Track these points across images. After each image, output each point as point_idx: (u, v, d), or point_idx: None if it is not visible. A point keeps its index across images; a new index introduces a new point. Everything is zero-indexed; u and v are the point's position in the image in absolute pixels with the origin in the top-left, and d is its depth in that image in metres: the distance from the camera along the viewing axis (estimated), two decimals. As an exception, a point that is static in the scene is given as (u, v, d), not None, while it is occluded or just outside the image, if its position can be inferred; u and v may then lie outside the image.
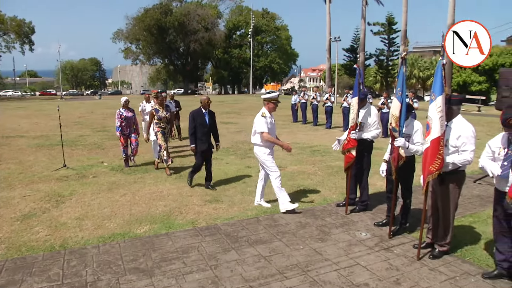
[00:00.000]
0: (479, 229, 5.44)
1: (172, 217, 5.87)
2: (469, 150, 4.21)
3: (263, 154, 6.03)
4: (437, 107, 4.14)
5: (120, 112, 9.00)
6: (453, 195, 4.39)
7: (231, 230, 5.38)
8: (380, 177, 7.79)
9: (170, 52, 66.69)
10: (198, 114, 7.11)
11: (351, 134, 5.74)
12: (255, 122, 5.99)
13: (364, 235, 5.22)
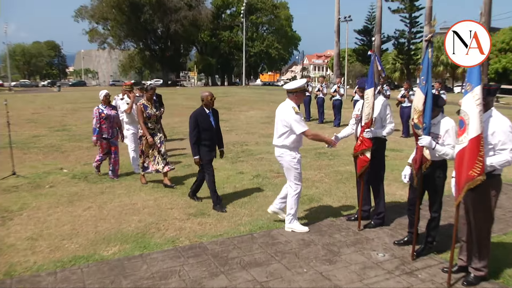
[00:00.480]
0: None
1: (148, 235, 5.81)
2: (508, 148, 4.19)
3: (293, 159, 5.84)
4: (476, 100, 4.11)
5: (99, 109, 8.58)
6: (487, 205, 4.37)
7: (219, 249, 5.33)
8: (400, 185, 7.85)
9: (145, 35, 66.55)
10: (201, 116, 6.82)
11: (365, 132, 5.73)
12: (287, 120, 5.71)
13: (381, 256, 5.19)
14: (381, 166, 6.14)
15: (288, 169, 5.90)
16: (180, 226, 6.13)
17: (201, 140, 6.79)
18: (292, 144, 5.81)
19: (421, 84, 4.75)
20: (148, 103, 8.04)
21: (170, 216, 6.54)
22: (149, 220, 6.35)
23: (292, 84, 5.89)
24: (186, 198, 7.37)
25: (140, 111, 7.94)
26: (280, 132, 5.83)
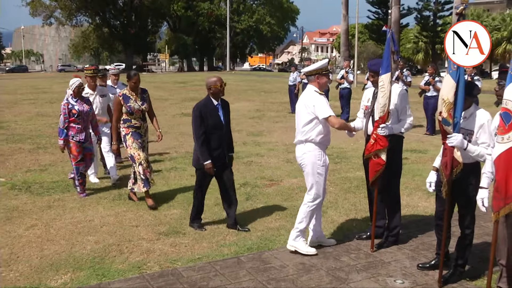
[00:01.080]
0: None
1: (108, 259, 5.81)
2: None
3: (318, 160, 5.83)
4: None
5: (69, 103, 8.17)
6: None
7: (198, 277, 5.34)
8: (424, 195, 7.93)
9: (103, 7, 66.42)
10: (208, 109, 6.51)
11: (380, 129, 5.75)
12: (309, 105, 5.70)
13: (400, 284, 5.24)
14: (397, 170, 6.19)
15: (309, 173, 5.85)
16: (148, 248, 6.13)
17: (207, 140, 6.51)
18: (318, 138, 5.77)
19: (452, 69, 4.79)
20: (132, 94, 7.69)
21: (136, 235, 6.54)
22: (109, 240, 6.35)
23: (312, 66, 5.95)
24: (156, 213, 7.39)
25: (117, 103, 7.63)
26: (303, 122, 5.79)
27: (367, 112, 6.17)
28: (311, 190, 5.89)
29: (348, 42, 43.61)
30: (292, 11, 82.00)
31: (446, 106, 4.82)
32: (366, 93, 6.34)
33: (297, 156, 5.99)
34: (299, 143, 5.92)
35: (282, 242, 6.32)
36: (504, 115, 4.27)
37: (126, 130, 7.67)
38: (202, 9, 71.12)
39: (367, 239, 6.31)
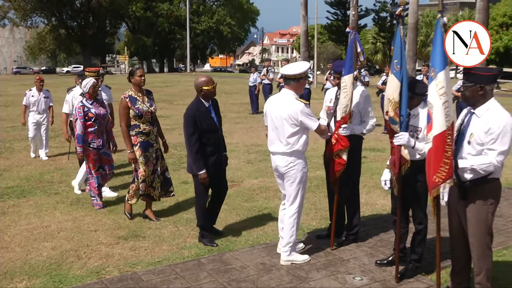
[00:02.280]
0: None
1: (65, 265, 5.72)
2: (497, 150, 4.32)
3: (303, 169, 5.69)
4: (439, 88, 4.29)
5: (84, 106, 7.61)
6: (483, 215, 4.53)
7: (158, 280, 5.31)
8: (382, 193, 8.06)
9: (59, 7, 65.33)
10: (199, 112, 6.16)
11: (342, 129, 5.81)
12: (295, 117, 5.46)
13: (359, 280, 5.31)
14: (356, 169, 6.27)
15: (296, 183, 5.68)
16: (107, 252, 6.07)
17: (201, 148, 6.16)
18: (303, 148, 5.63)
19: (395, 69, 4.93)
20: (138, 95, 6.97)
21: (94, 240, 6.46)
22: (66, 246, 6.25)
23: (294, 68, 5.64)
24: (115, 217, 7.31)
25: (125, 108, 6.82)
26: (287, 134, 5.53)
27: (329, 112, 6.20)
28: (296, 200, 5.73)
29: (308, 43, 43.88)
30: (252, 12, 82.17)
31: (392, 105, 4.94)
32: (329, 94, 6.38)
33: (278, 165, 5.69)
34: (280, 153, 5.63)
35: (243, 243, 6.35)
36: (427, 116, 4.45)
37: (135, 140, 6.90)
38: (161, 10, 70.58)
39: (326, 238, 6.36)
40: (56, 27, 68.14)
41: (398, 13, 5.00)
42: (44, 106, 11.57)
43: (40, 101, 11.44)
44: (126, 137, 6.89)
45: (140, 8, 69.82)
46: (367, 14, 59.32)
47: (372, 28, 61.93)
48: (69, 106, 9.10)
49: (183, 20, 67.58)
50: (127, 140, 6.88)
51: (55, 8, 64.55)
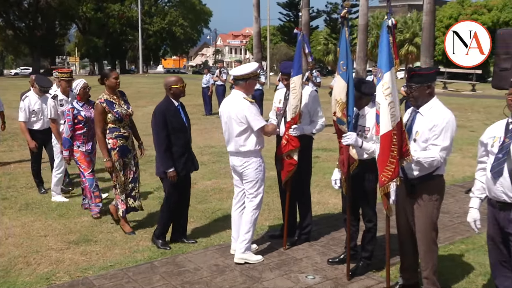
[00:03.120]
0: (474, 259, 5.83)
1: (14, 272, 5.59)
2: (440, 145, 4.48)
3: (259, 167, 5.71)
4: (385, 89, 4.39)
5: (74, 109, 7.22)
6: (429, 211, 4.67)
7: (110, 285, 5.25)
8: (334, 192, 8.17)
9: (5, 8, 63.47)
10: (170, 111, 6.10)
11: (292, 129, 5.85)
12: (241, 115, 5.51)
13: (311, 279, 5.37)
14: (307, 169, 6.35)
15: (253, 182, 5.70)
16: (57, 258, 5.96)
17: (172, 146, 6.09)
18: (257, 147, 5.65)
19: (341, 70, 5.02)
20: (114, 98, 6.68)
21: (44, 245, 6.33)
22: (14, 253, 6.10)
23: (241, 69, 5.69)
24: (66, 222, 7.19)
25: (102, 113, 6.52)
26: (236, 133, 5.59)
27: (279, 113, 6.24)
28: (256, 197, 5.76)
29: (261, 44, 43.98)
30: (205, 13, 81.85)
31: (340, 106, 5.03)
32: (277, 95, 6.42)
33: (235, 165, 5.77)
34: (234, 152, 5.71)
35: (196, 245, 6.34)
36: (376, 117, 4.52)
37: (113, 144, 6.58)
38: (112, 11, 69.50)
39: (279, 238, 6.40)
40: (3, 27, 66.38)
41: (343, 15, 5.09)
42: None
43: None
44: (102, 144, 6.54)
45: (91, 9, 68.62)
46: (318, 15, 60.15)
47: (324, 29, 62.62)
48: (26, 114, 8.44)
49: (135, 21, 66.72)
50: (103, 148, 6.53)
51: (2, 8, 62.67)
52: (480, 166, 4.46)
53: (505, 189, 4.02)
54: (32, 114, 8.43)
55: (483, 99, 26.83)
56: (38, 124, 8.54)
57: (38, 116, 8.48)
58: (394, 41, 4.47)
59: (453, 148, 5.01)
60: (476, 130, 15.91)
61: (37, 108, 8.43)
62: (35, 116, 8.41)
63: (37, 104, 8.42)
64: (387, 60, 4.41)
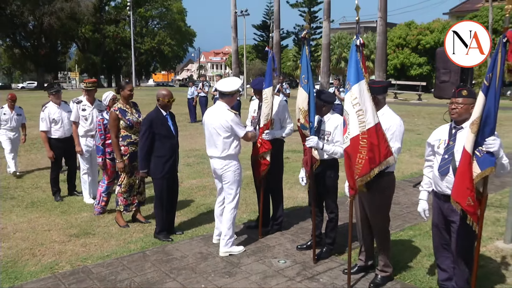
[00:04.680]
0: (420, 243, 5.91)
1: (21, 263, 5.49)
2: (394, 147, 4.55)
3: (237, 169, 5.65)
4: (353, 99, 4.43)
5: (104, 119, 6.92)
6: (382, 203, 4.73)
7: (107, 272, 5.18)
8: (302, 188, 8.19)
9: (13, 29, 62.41)
10: (158, 119, 6.03)
11: (264, 134, 5.89)
12: (226, 125, 5.42)
13: (283, 263, 5.39)
14: (279, 168, 6.37)
15: (231, 182, 5.63)
16: (59, 249, 5.87)
17: (159, 151, 6.02)
18: (237, 152, 5.61)
19: (303, 82, 5.10)
20: (126, 107, 6.54)
21: (48, 239, 6.22)
22: (21, 245, 5.99)
23: (228, 84, 5.58)
24: (68, 217, 7.08)
25: (115, 119, 6.38)
26: (221, 140, 5.50)
27: (254, 121, 6.26)
28: (235, 198, 5.68)
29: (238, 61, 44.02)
30: (190, 34, 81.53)
31: (303, 113, 5.09)
32: (252, 105, 6.42)
33: (216, 168, 5.64)
34: (217, 157, 5.59)
35: (183, 235, 6.31)
36: (344, 122, 4.56)
37: (125, 150, 6.46)
38: (108, 31, 68.81)
39: (255, 228, 6.41)
40: (11, 47, 65.39)
41: (303, 36, 5.17)
42: (16, 123, 10.06)
43: (12, 119, 10.00)
44: (116, 147, 6.44)
45: (89, 30, 67.95)
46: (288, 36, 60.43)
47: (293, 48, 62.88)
48: (46, 123, 8.09)
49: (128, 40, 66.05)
50: (117, 150, 6.43)
51: (9, 30, 61.68)
52: (427, 164, 4.52)
53: (450, 184, 4.09)
54: (52, 122, 8.09)
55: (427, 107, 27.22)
56: (58, 132, 8.11)
57: (58, 125, 8.11)
58: (362, 57, 4.51)
59: (403, 148, 5.06)
60: (422, 133, 16.14)
61: (57, 117, 8.10)
62: (55, 124, 8.08)
63: (57, 113, 8.11)
64: (355, 74, 4.43)
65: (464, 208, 3.89)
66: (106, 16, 70.49)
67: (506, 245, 5.84)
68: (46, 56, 64.95)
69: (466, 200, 3.85)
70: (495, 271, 5.16)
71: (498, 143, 3.77)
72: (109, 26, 69.34)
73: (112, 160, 6.85)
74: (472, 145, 3.81)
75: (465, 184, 3.84)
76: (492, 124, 3.77)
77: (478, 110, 3.78)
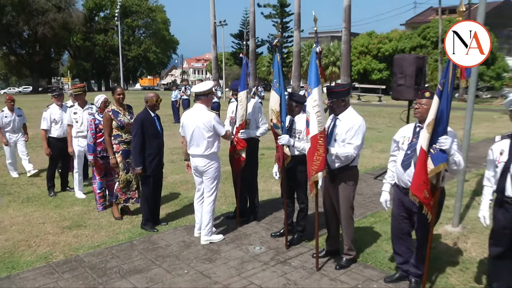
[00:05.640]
0: (380, 229, 5.99)
1: (17, 253, 5.38)
2: (354, 144, 4.60)
3: (218, 167, 5.61)
4: (313, 101, 4.47)
5: (95, 120, 6.78)
6: (347, 193, 4.78)
7: (97, 261, 5.12)
8: (276, 181, 8.19)
9: (9, 38, 60.99)
10: (147, 121, 5.97)
11: (240, 133, 5.89)
12: (209, 125, 5.37)
13: (258, 249, 5.40)
14: (254, 164, 6.37)
15: (212, 178, 5.57)
16: (53, 240, 5.77)
17: (147, 149, 5.95)
18: (217, 150, 5.55)
19: (275, 86, 5.13)
20: (119, 109, 6.45)
21: (42, 231, 6.11)
22: (18, 237, 5.87)
23: (201, 86, 5.52)
24: (61, 211, 6.96)
25: (108, 120, 6.31)
26: (205, 140, 5.42)
27: (232, 121, 6.25)
28: (214, 192, 5.62)
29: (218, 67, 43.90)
30: (173, 42, 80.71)
31: (275, 114, 5.12)
32: (231, 106, 6.40)
33: (198, 166, 5.54)
34: (199, 156, 5.50)
35: (167, 226, 6.27)
36: (306, 122, 4.59)
37: (117, 148, 6.37)
38: (98, 40, 67.63)
39: (233, 218, 6.40)
40: (7, 54, 63.90)
41: (275, 44, 5.19)
42: (18, 125, 9.38)
43: (14, 120, 9.34)
44: (109, 145, 6.36)
45: (80, 39, 66.70)
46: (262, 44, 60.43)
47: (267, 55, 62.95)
48: (47, 122, 7.97)
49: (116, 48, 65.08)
50: (109, 148, 6.35)
51: (5, 39, 60.30)
52: (391, 158, 4.57)
53: (411, 178, 4.11)
54: (53, 122, 7.98)
55: (387, 107, 27.53)
56: (57, 132, 7.98)
57: (58, 125, 7.98)
58: (320, 64, 4.54)
59: (365, 145, 5.12)
60: (382, 131, 16.32)
61: (58, 117, 7.98)
62: (55, 124, 7.96)
63: (58, 114, 7.98)
64: (315, 79, 4.47)
65: (421, 201, 3.95)
66: (96, 26, 69.27)
67: (454, 229, 5.98)
68: (40, 62, 63.76)
69: (423, 193, 3.91)
70: (445, 251, 5.29)
71: (449, 141, 3.82)
72: (98, 35, 68.20)
73: (102, 158, 6.76)
74: (427, 143, 3.87)
75: (422, 179, 3.90)
76: (444, 124, 3.84)
77: (433, 112, 3.83)
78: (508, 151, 3.87)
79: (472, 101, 5.68)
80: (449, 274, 4.72)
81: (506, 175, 3.83)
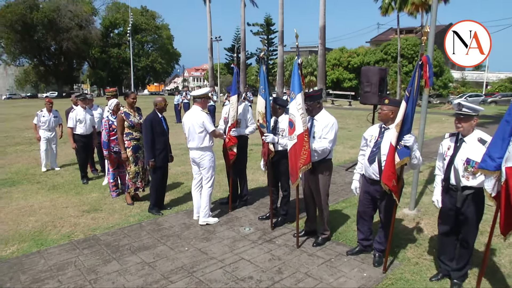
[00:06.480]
0: (350, 212, 6.00)
1: (45, 232, 5.31)
2: (328, 138, 4.60)
3: (212, 158, 5.56)
4: (298, 105, 4.45)
5: (109, 120, 6.73)
6: (323, 182, 4.77)
7: (111, 239, 5.06)
8: (263, 173, 8.17)
9: (39, 52, 60.34)
10: (156, 121, 5.92)
11: (232, 131, 5.85)
12: (200, 122, 5.35)
13: (247, 230, 5.38)
14: (244, 158, 6.33)
15: (208, 168, 5.53)
16: (75, 222, 5.70)
17: (155, 145, 5.91)
18: (211, 144, 5.52)
19: (261, 92, 5.13)
20: (130, 111, 6.38)
21: (66, 214, 6.03)
22: (45, 219, 5.79)
23: (198, 91, 5.57)
24: (81, 197, 6.86)
25: (121, 120, 6.26)
26: (197, 135, 5.41)
27: (226, 121, 6.20)
28: (210, 180, 5.59)
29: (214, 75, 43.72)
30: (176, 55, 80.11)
31: (261, 115, 5.11)
32: (225, 108, 6.36)
33: (194, 157, 5.52)
34: (195, 148, 5.48)
35: (170, 210, 6.21)
36: (290, 123, 4.56)
37: (128, 144, 6.29)
38: (112, 53, 66.99)
39: (227, 204, 6.35)
40: (37, 65, 63.18)
41: (261, 56, 5.20)
42: (53, 124, 9.18)
43: (50, 120, 9.15)
44: (121, 142, 6.27)
45: (98, 52, 66.03)
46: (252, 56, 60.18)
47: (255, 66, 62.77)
48: (73, 121, 7.95)
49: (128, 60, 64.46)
50: (122, 144, 6.27)
51: (36, 52, 59.81)
52: (361, 153, 4.55)
53: (375, 171, 4.18)
54: (77, 122, 7.94)
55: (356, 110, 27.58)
56: (81, 129, 7.95)
57: (82, 124, 7.95)
58: (301, 73, 4.52)
59: (337, 142, 5.11)
60: (352, 131, 16.35)
61: (82, 117, 7.94)
62: (80, 123, 7.92)
63: (82, 115, 7.94)
64: (298, 85, 4.45)
65: (391, 189, 3.96)
66: (111, 41, 68.62)
67: (410, 212, 6.01)
68: (64, 72, 63.30)
69: (392, 182, 3.92)
70: (403, 230, 5.32)
71: (413, 139, 3.85)
72: (113, 49, 67.56)
73: (115, 153, 6.68)
74: (395, 141, 3.88)
75: (391, 170, 3.91)
76: (409, 125, 3.85)
77: (401, 114, 3.83)
78: (453, 147, 3.89)
79: (425, 106, 5.71)
80: (406, 249, 4.76)
81: (450, 167, 3.85)
